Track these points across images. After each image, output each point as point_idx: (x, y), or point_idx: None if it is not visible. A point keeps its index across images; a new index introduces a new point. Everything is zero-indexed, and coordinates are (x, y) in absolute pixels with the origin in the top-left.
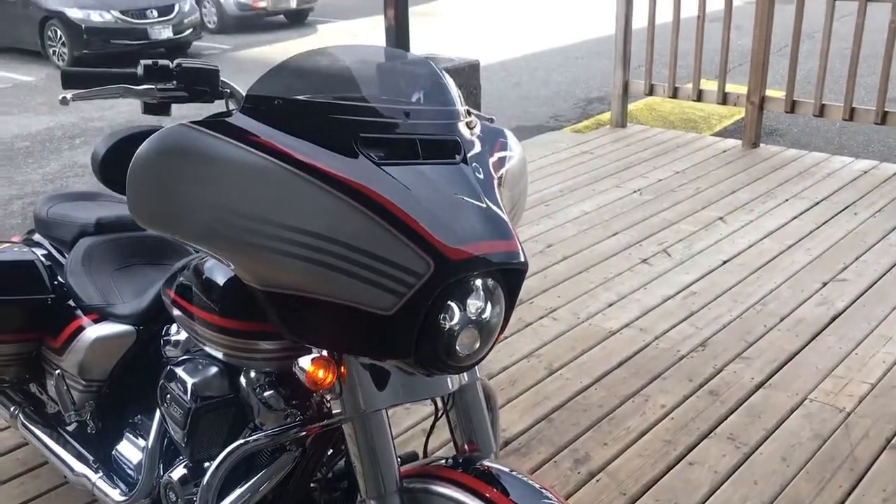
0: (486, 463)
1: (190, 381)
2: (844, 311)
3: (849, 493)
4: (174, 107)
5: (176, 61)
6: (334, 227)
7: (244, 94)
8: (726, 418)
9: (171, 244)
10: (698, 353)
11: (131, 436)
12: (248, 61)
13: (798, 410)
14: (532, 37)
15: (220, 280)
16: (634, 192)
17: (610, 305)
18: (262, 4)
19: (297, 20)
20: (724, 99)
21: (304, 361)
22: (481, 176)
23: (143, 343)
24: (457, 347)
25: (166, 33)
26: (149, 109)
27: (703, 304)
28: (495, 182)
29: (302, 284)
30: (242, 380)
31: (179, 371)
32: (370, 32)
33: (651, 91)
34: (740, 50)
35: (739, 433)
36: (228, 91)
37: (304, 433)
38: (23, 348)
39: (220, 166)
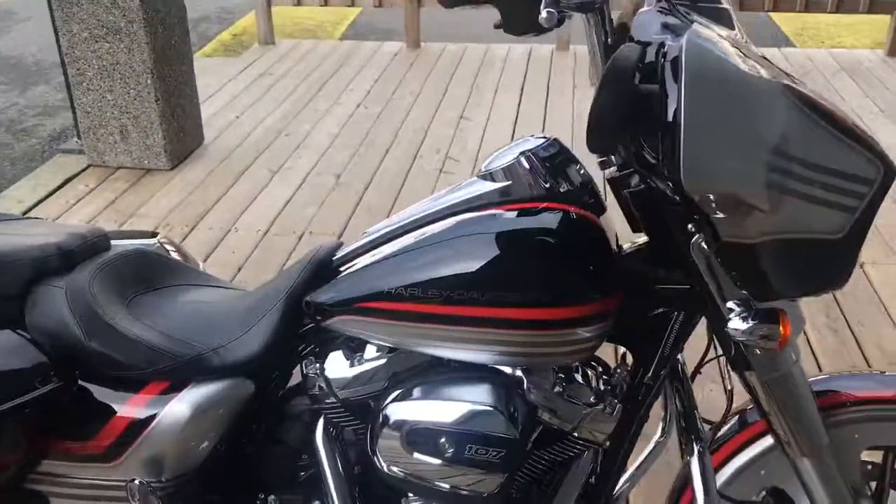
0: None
1: (507, 414)
2: None
3: None
4: None
5: None
6: (804, 145)
7: None
8: None
9: (153, 263)
10: None
11: None
12: None
13: None
14: None
15: (532, 263)
16: (359, 106)
17: None
18: None
19: None
20: (380, 1)
21: (741, 323)
22: None
23: (257, 396)
24: None
25: None
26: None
27: None
28: None
29: (774, 224)
30: (527, 384)
31: (444, 402)
32: None
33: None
34: None
35: None
36: None
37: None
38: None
39: (750, 92)
